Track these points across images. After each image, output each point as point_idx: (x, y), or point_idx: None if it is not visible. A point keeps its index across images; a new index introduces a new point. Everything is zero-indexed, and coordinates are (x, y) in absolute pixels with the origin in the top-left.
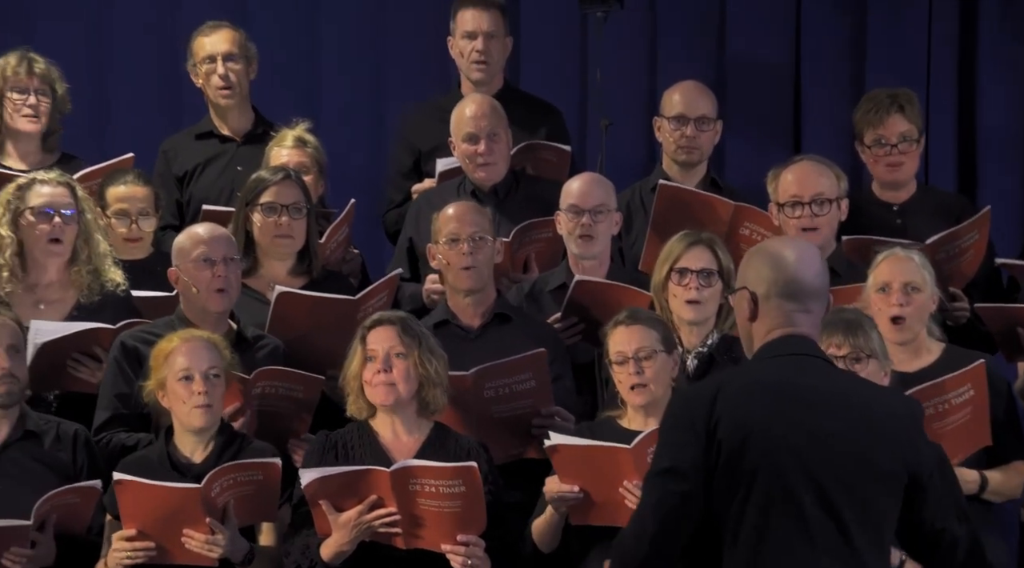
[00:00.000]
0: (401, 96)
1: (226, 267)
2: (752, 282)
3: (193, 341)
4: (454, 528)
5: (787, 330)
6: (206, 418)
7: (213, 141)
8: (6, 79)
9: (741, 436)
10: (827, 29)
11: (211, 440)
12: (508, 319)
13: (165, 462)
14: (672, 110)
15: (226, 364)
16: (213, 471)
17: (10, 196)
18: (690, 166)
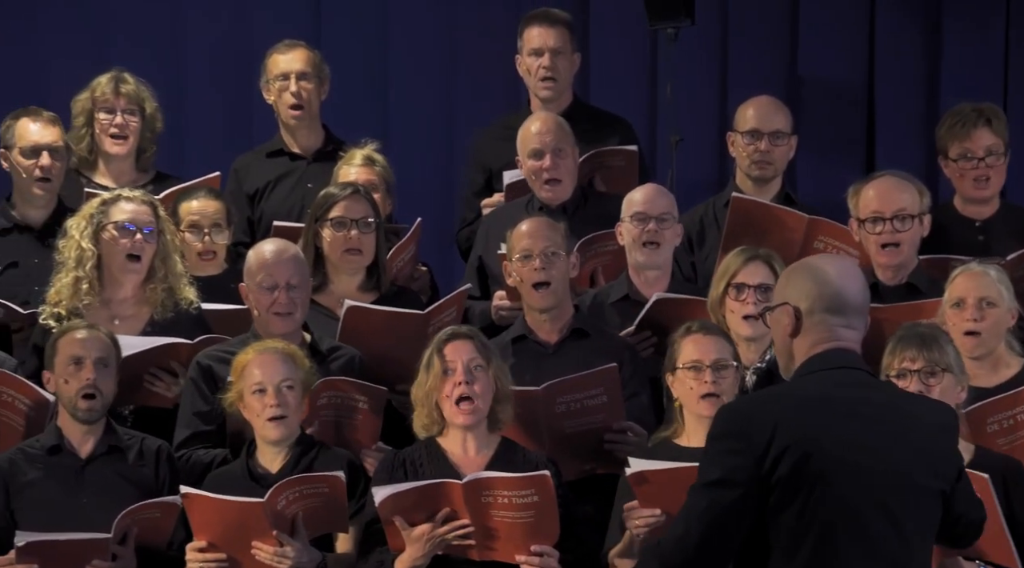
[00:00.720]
0: (470, 115)
1: (287, 292)
2: (794, 297)
3: (267, 354)
4: (528, 538)
5: (833, 344)
6: (280, 430)
7: (283, 159)
8: (95, 100)
9: (798, 450)
10: (901, 43)
11: (288, 450)
12: (586, 334)
13: (245, 474)
14: (746, 125)
15: (304, 374)
16: (277, 485)
17: (94, 210)
18: (764, 181)
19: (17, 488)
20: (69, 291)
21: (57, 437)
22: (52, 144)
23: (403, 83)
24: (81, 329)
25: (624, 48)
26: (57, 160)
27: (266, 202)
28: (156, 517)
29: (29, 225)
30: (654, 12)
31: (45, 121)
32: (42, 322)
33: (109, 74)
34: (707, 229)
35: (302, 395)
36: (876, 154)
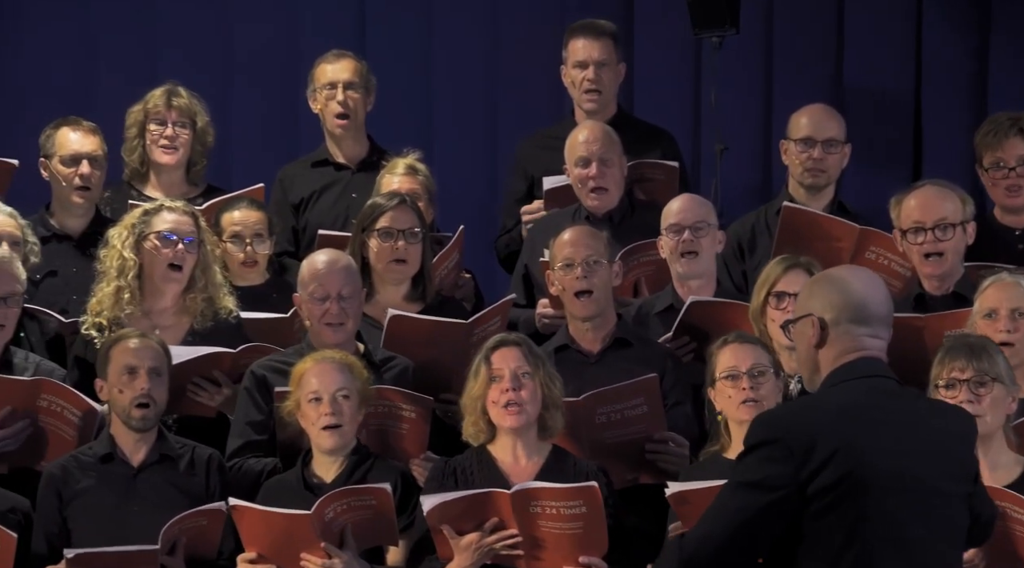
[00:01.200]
0: (513, 125)
1: (339, 303)
2: (818, 308)
3: (325, 363)
4: (576, 550)
5: (860, 354)
6: (335, 440)
7: (328, 169)
8: (147, 112)
9: (840, 459)
10: (948, 51)
11: (344, 460)
12: (628, 344)
13: (300, 484)
14: (799, 132)
15: (361, 384)
16: (324, 496)
17: (136, 220)
18: (816, 189)
19: (70, 495)
20: (110, 301)
21: (110, 445)
22: (92, 153)
23: (447, 93)
24: (134, 338)
25: (668, 57)
26: (96, 169)
27: (311, 212)
28: (203, 525)
29: (68, 234)
30: (699, 21)
31: (85, 130)
32: (83, 332)
33: (163, 87)
34: (758, 237)
35: (359, 405)
36: (923, 163)
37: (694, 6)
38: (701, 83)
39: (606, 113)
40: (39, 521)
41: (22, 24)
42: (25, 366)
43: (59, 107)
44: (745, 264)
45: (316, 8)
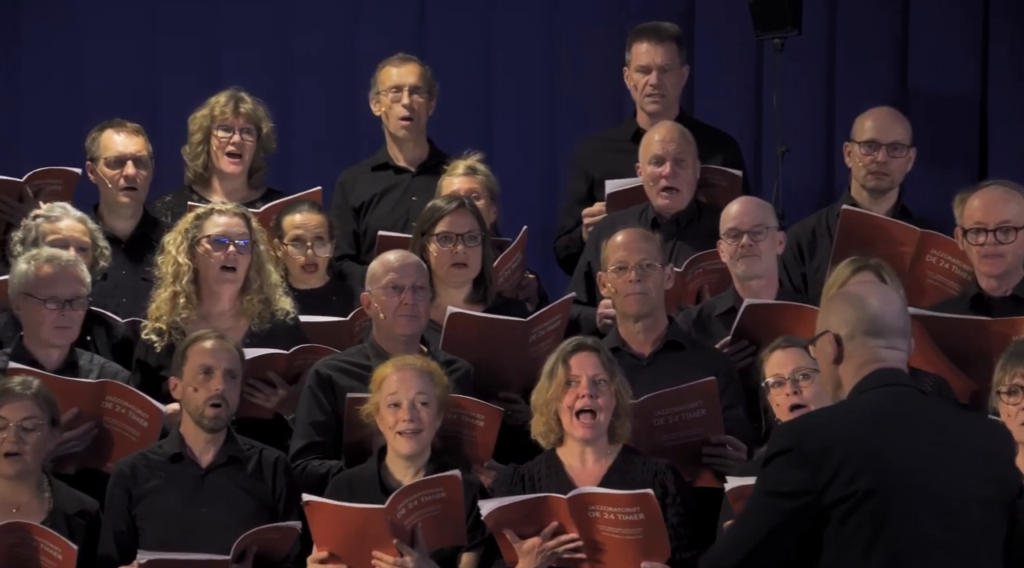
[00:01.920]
0: (572, 127)
1: (414, 294)
2: (834, 325)
3: (406, 369)
4: (638, 555)
5: (878, 365)
6: (411, 445)
7: (388, 172)
8: (213, 118)
9: (858, 465)
10: (1015, 51)
11: (422, 467)
12: (680, 346)
13: (375, 483)
14: (864, 135)
15: (440, 391)
16: (397, 491)
17: (189, 225)
18: (880, 193)
19: (139, 494)
20: (168, 306)
21: (179, 445)
22: (136, 154)
23: (506, 96)
24: (211, 339)
25: (730, 59)
26: (141, 169)
27: (371, 215)
28: (275, 538)
29: (116, 237)
30: (761, 22)
31: (129, 132)
32: (144, 337)
33: (228, 93)
34: (819, 240)
35: (437, 412)
36: (989, 165)
37: (756, 8)
38: (763, 85)
39: (668, 116)
40: (108, 518)
41: (86, 28)
42: (90, 368)
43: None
44: (805, 267)
45: (376, 12)
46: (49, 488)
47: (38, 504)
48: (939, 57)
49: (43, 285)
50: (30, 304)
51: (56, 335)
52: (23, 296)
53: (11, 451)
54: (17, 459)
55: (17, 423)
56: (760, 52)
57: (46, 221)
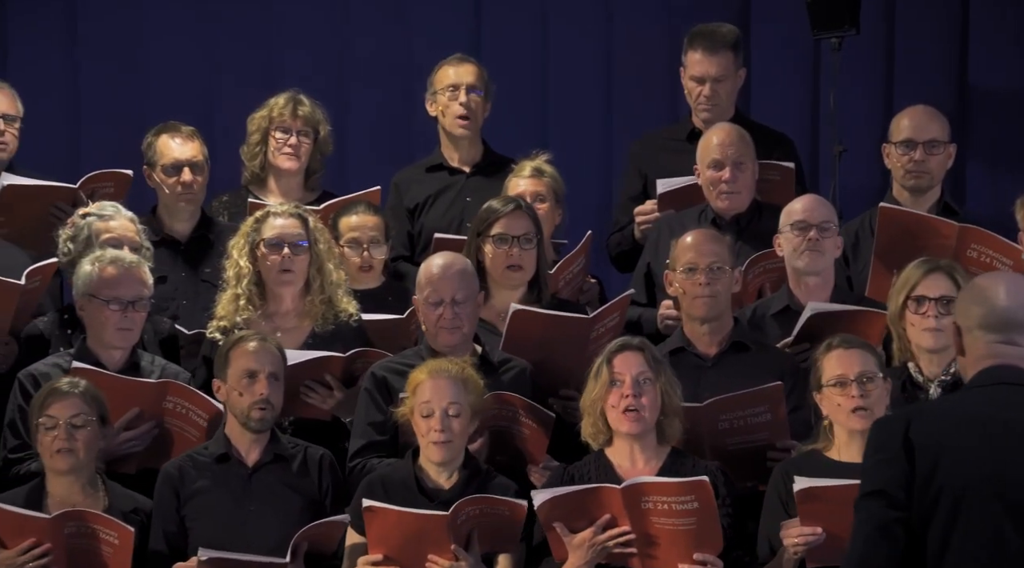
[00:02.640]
0: (628, 127)
1: (452, 308)
2: (959, 316)
3: (439, 378)
4: (690, 546)
5: (993, 361)
6: (443, 454)
7: (443, 173)
8: (272, 119)
9: (931, 464)
10: None
11: (456, 470)
12: (746, 348)
13: (412, 485)
14: (900, 135)
15: (474, 398)
16: (463, 499)
17: (249, 228)
18: (920, 192)
19: (188, 495)
20: (231, 307)
21: (225, 445)
22: (192, 159)
23: (561, 97)
24: (253, 340)
25: (786, 58)
26: (198, 174)
27: (426, 216)
28: (325, 533)
29: (175, 239)
30: (818, 22)
31: (184, 137)
32: (209, 335)
33: (287, 95)
34: (862, 242)
35: (469, 420)
36: None
37: (813, 7)
38: (820, 84)
39: (723, 119)
40: (157, 520)
41: (144, 29)
42: (151, 369)
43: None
44: (849, 269)
45: (431, 13)
46: (103, 487)
47: (92, 502)
48: (998, 55)
49: (106, 286)
50: (94, 305)
51: (118, 337)
52: (87, 297)
53: (62, 448)
54: (70, 454)
55: (66, 421)
56: (817, 51)
57: (99, 220)
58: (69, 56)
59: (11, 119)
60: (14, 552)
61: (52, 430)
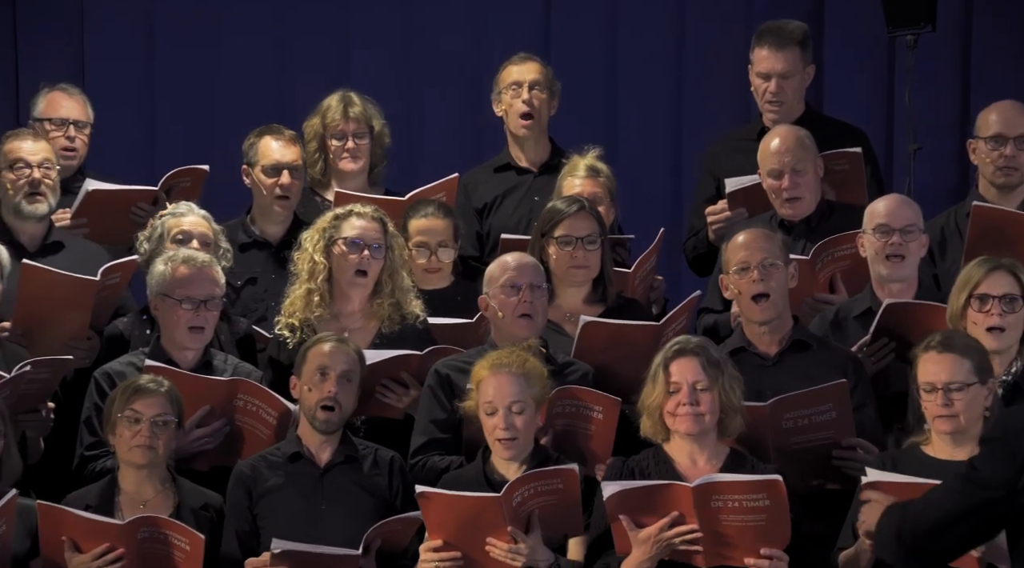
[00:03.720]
0: (698, 126)
1: (531, 293)
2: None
3: (502, 374)
4: (757, 542)
5: None
6: (509, 451)
7: (511, 173)
8: (326, 126)
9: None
10: None
11: (525, 462)
12: (807, 346)
13: (481, 480)
14: (988, 130)
15: (537, 391)
16: (515, 480)
17: (327, 224)
18: (1009, 188)
19: (260, 493)
20: (302, 303)
21: (297, 445)
22: (292, 163)
23: (632, 96)
24: (330, 341)
25: (861, 55)
26: (296, 178)
27: (494, 216)
28: (397, 530)
29: (267, 241)
30: (893, 18)
31: (286, 140)
32: (276, 332)
33: (337, 97)
34: (948, 239)
35: (534, 414)
36: None
37: (888, 4)
38: (895, 82)
39: (791, 116)
40: (230, 518)
41: (217, 30)
42: (224, 367)
43: (253, 112)
44: (936, 267)
45: (502, 14)
46: (173, 484)
47: (164, 498)
48: None
49: (179, 286)
50: (167, 305)
51: (190, 336)
52: (160, 297)
53: (143, 444)
54: (149, 451)
55: (151, 419)
56: (892, 49)
57: (171, 217)
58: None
59: (82, 126)
60: (88, 556)
61: (135, 425)
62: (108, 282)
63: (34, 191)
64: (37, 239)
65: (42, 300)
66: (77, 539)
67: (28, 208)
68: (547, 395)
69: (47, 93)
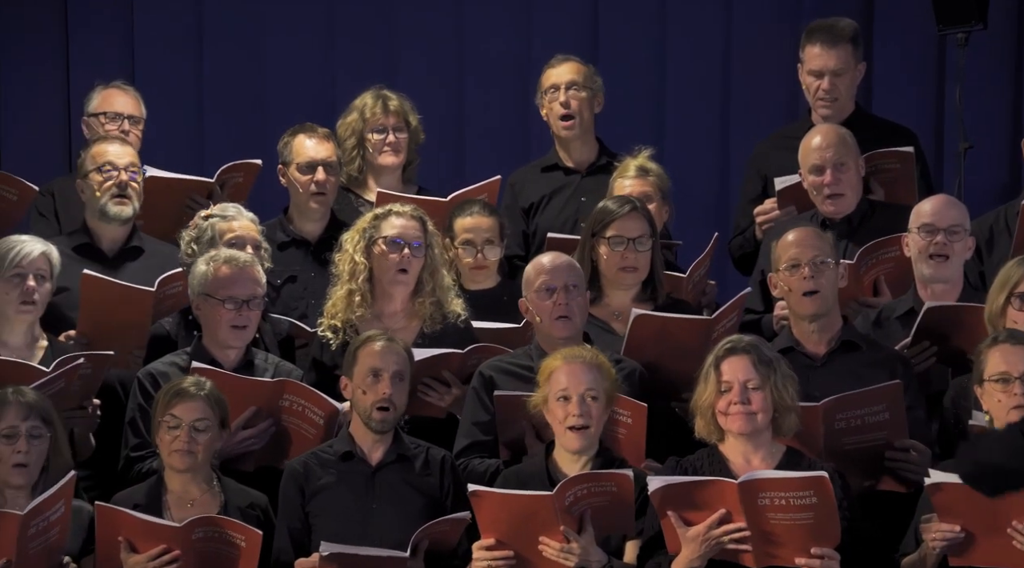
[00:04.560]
0: (747, 125)
1: (567, 295)
2: None
3: (575, 362)
4: (807, 541)
5: None
6: (580, 440)
7: (558, 173)
8: (365, 121)
9: None
10: None
11: (590, 460)
12: (856, 347)
13: (544, 477)
14: None
15: (609, 384)
16: (567, 479)
17: (367, 224)
18: None
19: (312, 492)
20: (343, 303)
21: (349, 443)
22: (327, 159)
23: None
24: (381, 340)
25: (910, 53)
26: (331, 175)
27: (541, 216)
28: (445, 530)
29: (306, 239)
30: (944, 16)
31: (320, 137)
32: (319, 334)
33: (372, 93)
34: (997, 237)
35: (605, 405)
36: None
37: (939, 1)
38: (945, 80)
39: (842, 114)
40: (282, 516)
41: (265, 30)
42: (265, 367)
43: (300, 112)
44: (983, 265)
45: (549, 14)
46: (218, 484)
47: (209, 498)
48: None
49: (221, 286)
50: (209, 305)
51: (233, 335)
52: (202, 297)
53: (182, 449)
54: (188, 455)
55: (190, 423)
56: (942, 47)
57: (221, 220)
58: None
59: (136, 121)
60: (144, 557)
61: (174, 430)
62: (169, 291)
63: (120, 193)
64: (117, 244)
65: (103, 310)
66: (134, 540)
67: (114, 209)
68: (616, 393)
69: (101, 90)
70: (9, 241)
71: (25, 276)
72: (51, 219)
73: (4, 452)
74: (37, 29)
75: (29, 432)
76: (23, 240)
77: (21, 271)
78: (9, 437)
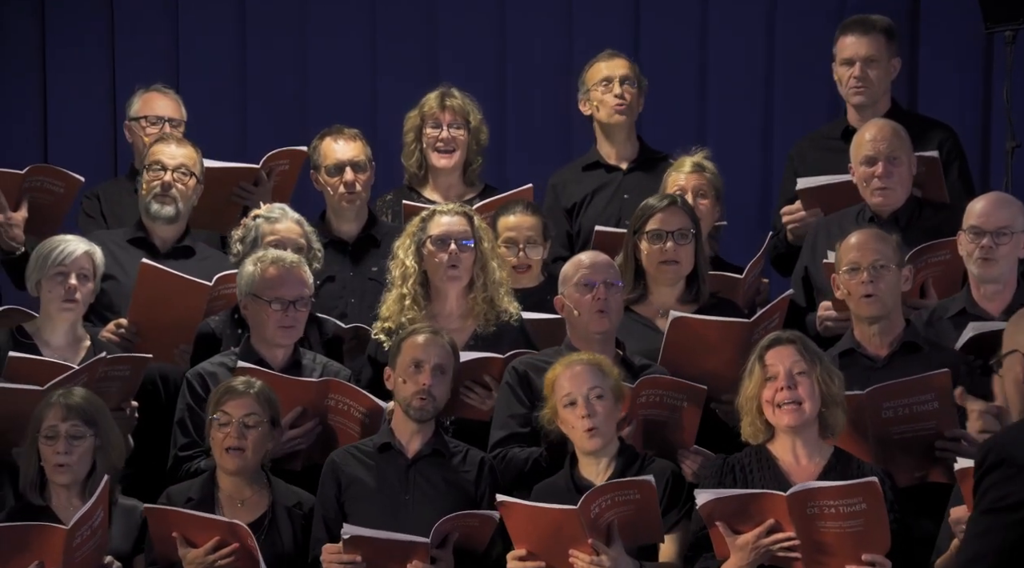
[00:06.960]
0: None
1: (607, 290)
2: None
3: (574, 365)
4: (858, 548)
5: None
6: (594, 441)
7: (600, 171)
8: (423, 116)
9: None
10: None
11: (611, 461)
12: (918, 348)
13: (571, 485)
14: None
15: (614, 382)
16: (590, 492)
17: (415, 228)
18: None
19: (347, 482)
20: (395, 307)
21: (388, 436)
22: (353, 158)
23: (721, 95)
24: (424, 333)
25: (956, 51)
26: (360, 173)
27: (584, 215)
28: (475, 526)
29: (343, 239)
30: (990, 13)
31: (347, 138)
32: (375, 337)
33: (438, 90)
34: None
35: (614, 403)
36: None
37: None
38: (992, 78)
39: (878, 108)
40: (319, 505)
41: (308, 29)
42: (313, 367)
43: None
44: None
45: (590, 12)
46: (268, 483)
47: (259, 497)
48: None
49: (268, 286)
50: (256, 305)
51: (281, 335)
52: (250, 297)
53: (233, 446)
54: (239, 454)
55: (239, 420)
56: (990, 45)
57: (266, 222)
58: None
59: (176, 123)
60: (202, 551)
61: (225, 427)
62: (224, 290)
63: (164, 193)
64: (169, 242)
65: (157, 301)
66: (187, 535)
67: (155, 208)
68: (623, 388)
69: (142, 94)
70: (53, 240)
71: (67, 275)
72: (98, 219)
73: (46, 452)
74: (83, 31)
75: (69, 433)
76: (67, 240)
77: (64, 270)
78: (50, 437)
